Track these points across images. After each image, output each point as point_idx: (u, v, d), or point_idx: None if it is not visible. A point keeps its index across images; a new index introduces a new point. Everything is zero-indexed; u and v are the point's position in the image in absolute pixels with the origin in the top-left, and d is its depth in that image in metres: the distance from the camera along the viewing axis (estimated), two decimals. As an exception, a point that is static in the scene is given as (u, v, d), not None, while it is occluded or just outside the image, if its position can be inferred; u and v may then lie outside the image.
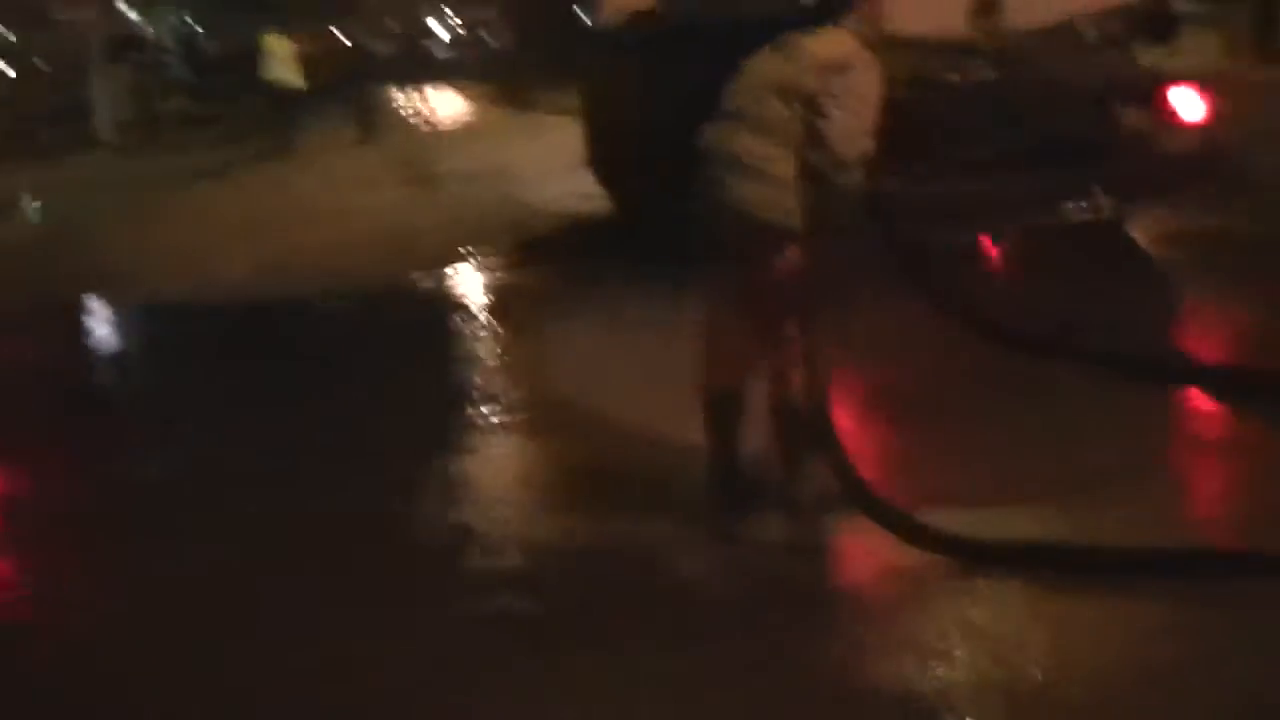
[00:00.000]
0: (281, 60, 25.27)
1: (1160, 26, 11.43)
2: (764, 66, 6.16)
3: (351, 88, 27.88)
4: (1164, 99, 10.04)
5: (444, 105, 33.93)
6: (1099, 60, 10.06)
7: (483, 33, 52.80)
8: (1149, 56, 10.55)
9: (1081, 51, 10.12)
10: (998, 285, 10.47)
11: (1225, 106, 10.12)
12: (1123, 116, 10.08)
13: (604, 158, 14.83)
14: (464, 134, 27.02)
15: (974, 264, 10.76)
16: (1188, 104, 9.98)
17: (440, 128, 29.81)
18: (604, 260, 12.83)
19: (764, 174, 6.01)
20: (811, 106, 5.92)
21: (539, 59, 40.11)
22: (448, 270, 13.19)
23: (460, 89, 38.03)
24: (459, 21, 54.03)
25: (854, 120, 5.91)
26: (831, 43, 6.07)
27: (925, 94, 6.25)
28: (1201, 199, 10.42)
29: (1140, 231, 10.76)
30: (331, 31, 39.04)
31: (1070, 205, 10.16)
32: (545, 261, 13.68)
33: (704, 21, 11.85)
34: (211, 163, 24.37)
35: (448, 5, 54.75)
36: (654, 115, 13.18)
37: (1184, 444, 7.17)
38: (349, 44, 33.49)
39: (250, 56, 26.64)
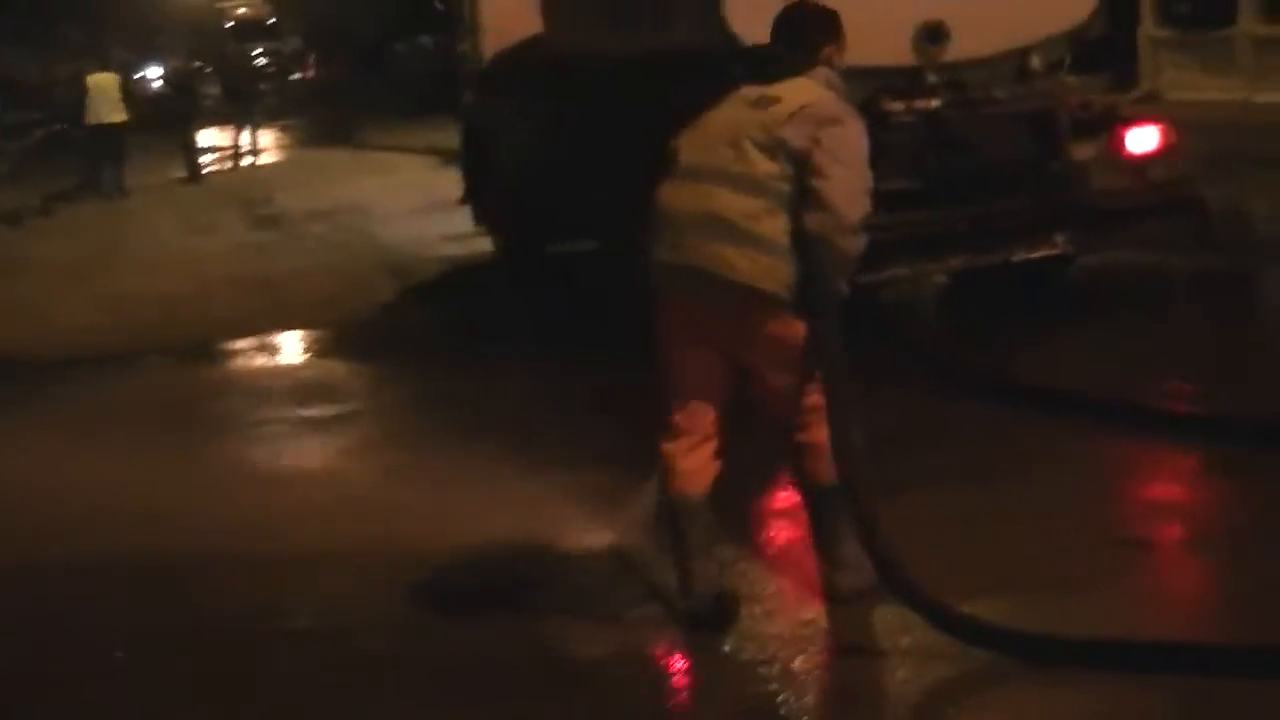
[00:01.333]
0: (108, 98, 24.36)
1: (1116, 55, 11.23)
2: (735, 117, 5.86)
3: (176, 126, 27.00)
4: (1116, 131, 9.79)
5: (270, 142, 33.15)
6: (1048, 90, 9.88)
7: (305, 69, 51.99)
8: (1098, 85, 10.30)
9: (1030, 81, 9.86)
10: (942, 324, 10.27)
11: (1180, 136, 9.86)
12: (1074, 148, 9.82)
13: (489, 198, 14.43)
14: (301, 172, 26.51)
15: (922, 302, 10.50)
16: (1140, 136, 9.75)
17: (271, 166, 29.08)
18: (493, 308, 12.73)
19: (756, 238, 5.65)
20: (804, 165, 5.63)
21: (366, 94, 39.68)
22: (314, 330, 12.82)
23: (285, 126, 37.22)
24: (267, 56, 53.16)
25: (854, 178, 5.68)
26: (807, 93, 5.82)
27: (870, 126, 5.83)
28: (1157, 232, 10.08)
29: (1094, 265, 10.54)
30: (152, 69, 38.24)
31: (1019, 240, 9.75)
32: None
33: (602, 56, 11.40)
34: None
35: (257, 40, 53.81)
36: (548, 155, 12.83)
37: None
38: (170, 81, 32.52)
39: (47, 90, 25.76)
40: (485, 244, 15.05)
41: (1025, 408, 8.36)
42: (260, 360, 12.02)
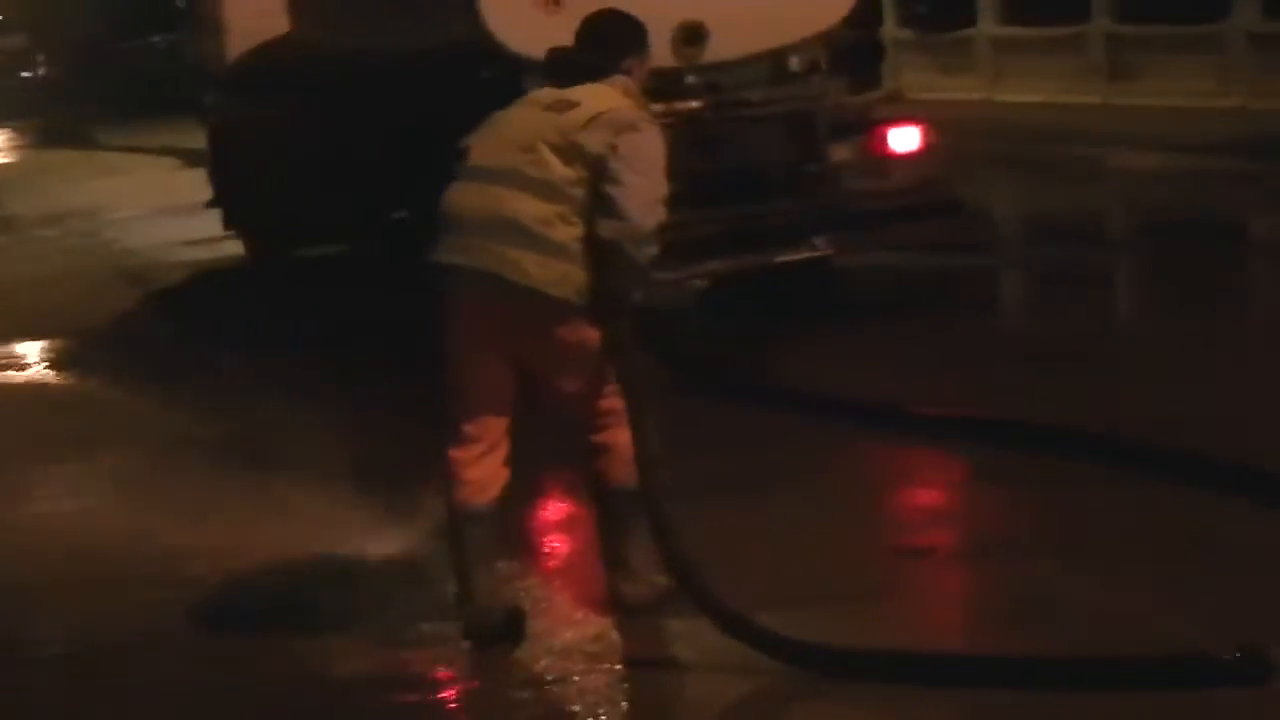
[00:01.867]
0: None
1: (866, 56, 11.30)
2: (530, 120, 5.76)
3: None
4: (875, 131, 9.85)
5: (-1, 144, 32.24)
6: (807, 91, 9.86)
7: (33, 67, 50.49)
8: (858, 87, 10.35)
9: (788, 82, 9.83)
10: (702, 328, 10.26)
11: (939, 137, 9.98)
12: (832, 150, 9.86)
13: (238, 201, 14.10)
14: (32, 174, 25.63)
15: (683, 306, 10.48)
16: (900, 137, 9.81)
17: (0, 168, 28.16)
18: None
19: (549, 243, 5.55)
20: (600, 171, 5.55)
21: (97, 93, 38.74)
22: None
23: (14, 127, 36.10)
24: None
25: (650, 186, 5.61)
26: (605, 99, 5.73)
27: None
28: (920, 234, 10.18)
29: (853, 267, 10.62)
30: None
31: (779, 243, 9.78)
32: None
33: (350, 56, 11.18)
34: None
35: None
36: (296, 157, 12.57)
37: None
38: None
39: None
40: (233, 247, 14.69)
41: (789, 414, 8.36)
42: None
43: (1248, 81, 20.13)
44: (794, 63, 10.51)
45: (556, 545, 6.91)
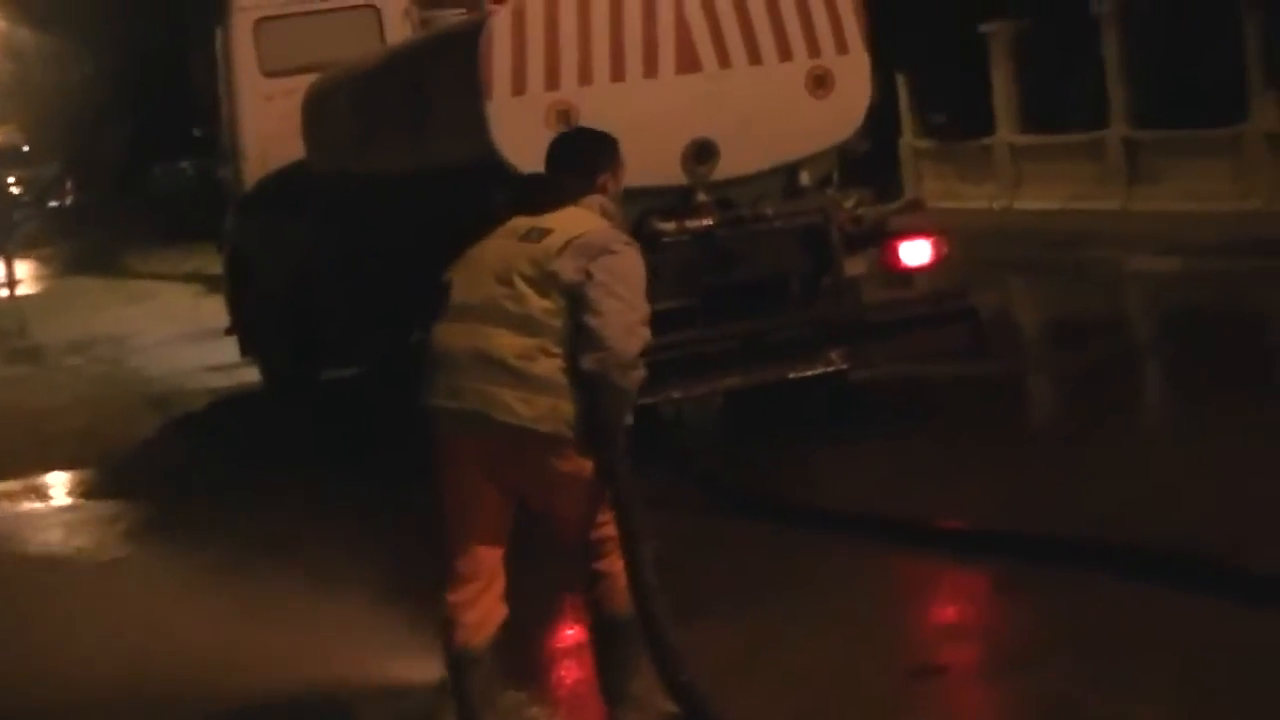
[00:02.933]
0: None
1: (883, 167, 11.36)
2: (503, 251, 5.68)
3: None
4: (889, 244, 9.82)
5: (27, 273, 32.35)
6: (820, 204, 9.86)
7: (62, 195, 50.96)
8: (863, 198, 10.35)
9: (801, 196, 9.83)
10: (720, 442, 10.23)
11: (957, 245, 9.97)
12: (846, 262, 9.83)
13: (253, 327, 14.12)
14: (59, 302, 25.78)
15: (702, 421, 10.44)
16: (913, 249, 9.80)
17: (27, 297, 28.34)
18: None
19: (532, 378, 5.48)
20: (578, 299, 5.47)
21: (125, 222, 39.08)
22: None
23: (42, 255, 36.37)
24: (22, 185, 52.01)
25: (628, 310, 5.48)
26: (579, 223, 5.65)
27: (642, 247, 5.74)
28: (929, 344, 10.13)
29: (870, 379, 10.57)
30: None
31: (795, 357, 9.74)
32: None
33: (365, 181, 11.24)
34: None
35: (11, 168, 52.64)
36: (312, 281, 12.59)
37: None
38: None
39: None
40: (252, 374, 14.70)
41: (806, 528, 8.29)
42: (22, 503, 11.50)
43: (1267, 183, 20.13)
44: (806, 176, 10.51)
45: (561, 675, 6.82)
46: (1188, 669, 5.95)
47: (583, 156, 5.92)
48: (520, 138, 9.62)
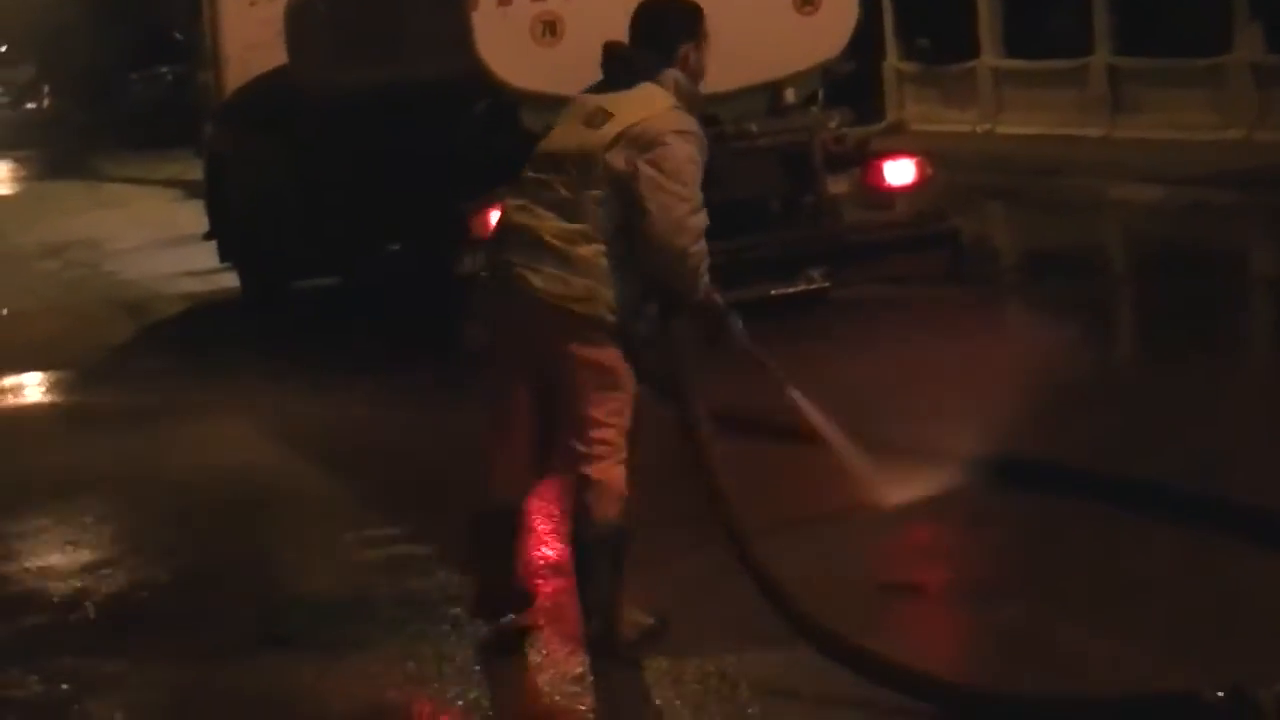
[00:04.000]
0: None
1: (867, 88, 11.33)
2: (566, 136, 5.75)
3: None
4: (871, 164, 9.81)
5: (2, 175, 32.15)
6: (804, 124, 9.81)
7: (38, 99, 50.59)
8: (851, 120, 10.30)
9: (785, 114, 9.79)
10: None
11: (938, 169, 9.97)
12: (829, 182, 9.81)
13: (233, 233, 14.05)
14: (35, 205, 25.62)
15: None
16: (896, 169, 9.78)
17: (2, 199, 28.16)
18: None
19: (572, 259, 5.58)
20: (627, 191, 5.52)
21: (100, 125, 38.83)
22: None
23: (18, 158, 36.14)
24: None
25: (677, 204, 5.49)
26: (641, 108, 5.62)
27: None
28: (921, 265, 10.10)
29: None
30: None
31: (777, 275, 9.74)
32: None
33: (346, 91, 11.16)
34: None
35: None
36: (291, 190, 12.53)
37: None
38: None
39: None
40: (231, 280, 14.61)
41: (783, 443, 8.25)
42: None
43: (1250, 113, 20.07)
44: (791, 95, 10.47)
45: (542, 584, 6.82)
46: (1157, 601, 5.93)
47: (660, 26, 5.82)
48: (505, 49, 9.58)
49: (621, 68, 5.76)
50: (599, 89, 5.77)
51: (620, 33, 6.04)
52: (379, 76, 11.21)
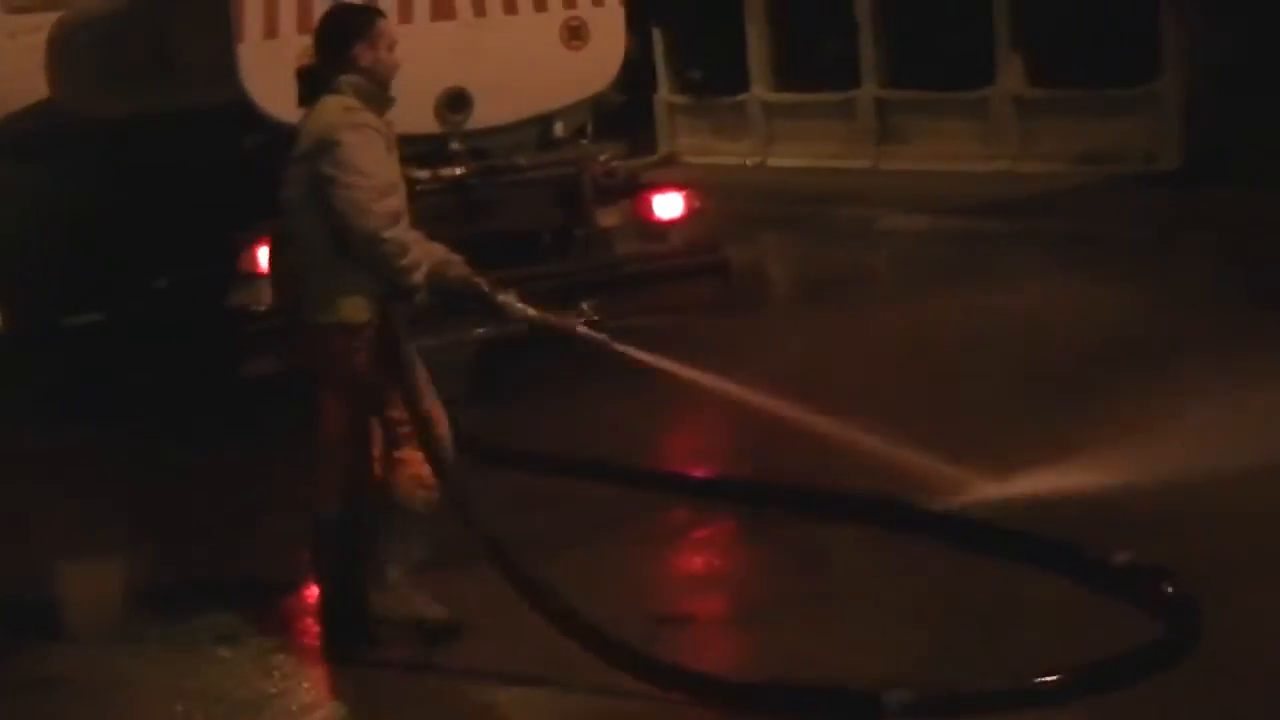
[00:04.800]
0: None
1: (639, 121, 11.42)
2: (295, 145, 6.18)
3: None
4: (641, 196, 9.89)
5: None
6: (573, 156, 9.86)
7: None
8: (621, 153, 10.38)
9: (555, 147, 9.82)
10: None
11: (710, 200, 10.10)
12: (599, 214, 9.87)
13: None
14: None
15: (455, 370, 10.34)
16: (665, 202, 9.88)
17: None
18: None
19: (310, 273, 6.09)
20: (323, 198, 5.95)
21: None
22: None
23: None
24: None
25: (359, 192, 5.88)
26: (316, 121, 6.08)
27: None
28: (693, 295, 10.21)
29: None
30: None
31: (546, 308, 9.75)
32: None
33: (106, 121, 11.01)
34: None
35: None
36: (58, 222, 12.28)
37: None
38: None
39: None
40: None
41: (554, 478, 8.29)
42: None
43: (1013, 144, 20.57)
44: (560, 128, 10.51)
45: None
46: (922, 618, 6.09)
47: (331, 33, 6.17)
48: (272, 81, 9.46)
49: (306, 88, 6.18)
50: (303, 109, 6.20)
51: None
52: (144, 106, 11.04)
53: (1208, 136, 18.51)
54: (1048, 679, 5.19)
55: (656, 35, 25.36)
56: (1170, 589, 5.78)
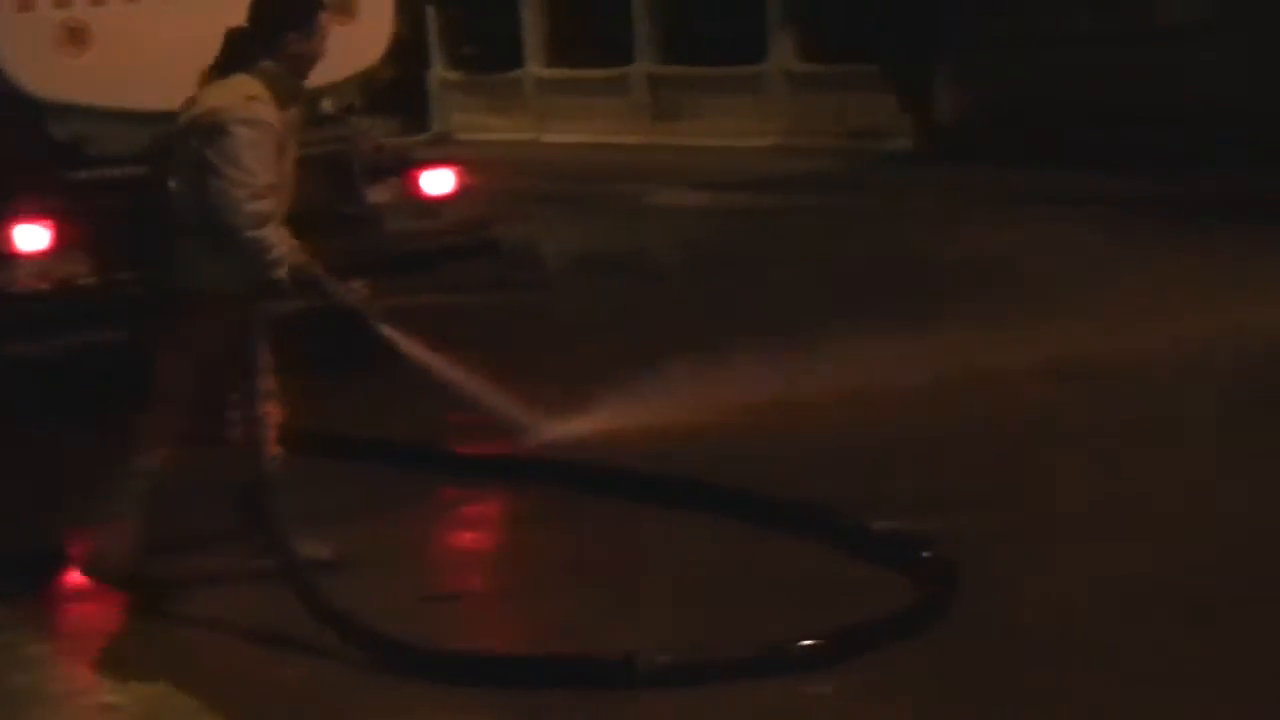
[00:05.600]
0: None
1: (412, 97, 11.32)
2: (181, 115, 6.22)
3: None
4: (412, 173, 9.83)
5: None
6: (342, 133, 9.76)
7: None
8: (390, 128, 10.29)
9: (323, 124, 9.72)
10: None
11: (474, 177, 10.04)
12: (370, 192, 9.80)
13: None
14: None
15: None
16: (436, 179, 9.83)
17: None
18: None
19: (180, 241, 6.17)
20: (203, 172, 6.00)
21: None
22: None
23: None
24: None
25: (234, 188, 5.94)
26: (218, 98, 6.07)
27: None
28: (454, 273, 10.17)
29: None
30: None
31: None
32: None
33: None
34: None
35: None
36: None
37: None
38: None
39: None
40: None
41: (332, 458, 8.21)
42: None
43: (785, 120, 20.84)
44: (328, 104, 10.38)
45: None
46: (688, 588, 6.14)
47: (265, 15, 6.14)
48: (28, 56, 9.26)
49: (225, 57, 6.14)
50: (216, 75, 6.14)
51: (153, 41, 6.17)
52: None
53: (964, 114, 18.96)
54: (801, 644, 5.30)
55: (430, 11, 25.24)
56: (927, 555, 5.93)
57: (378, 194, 10.36)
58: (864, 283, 11.83)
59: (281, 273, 6.08)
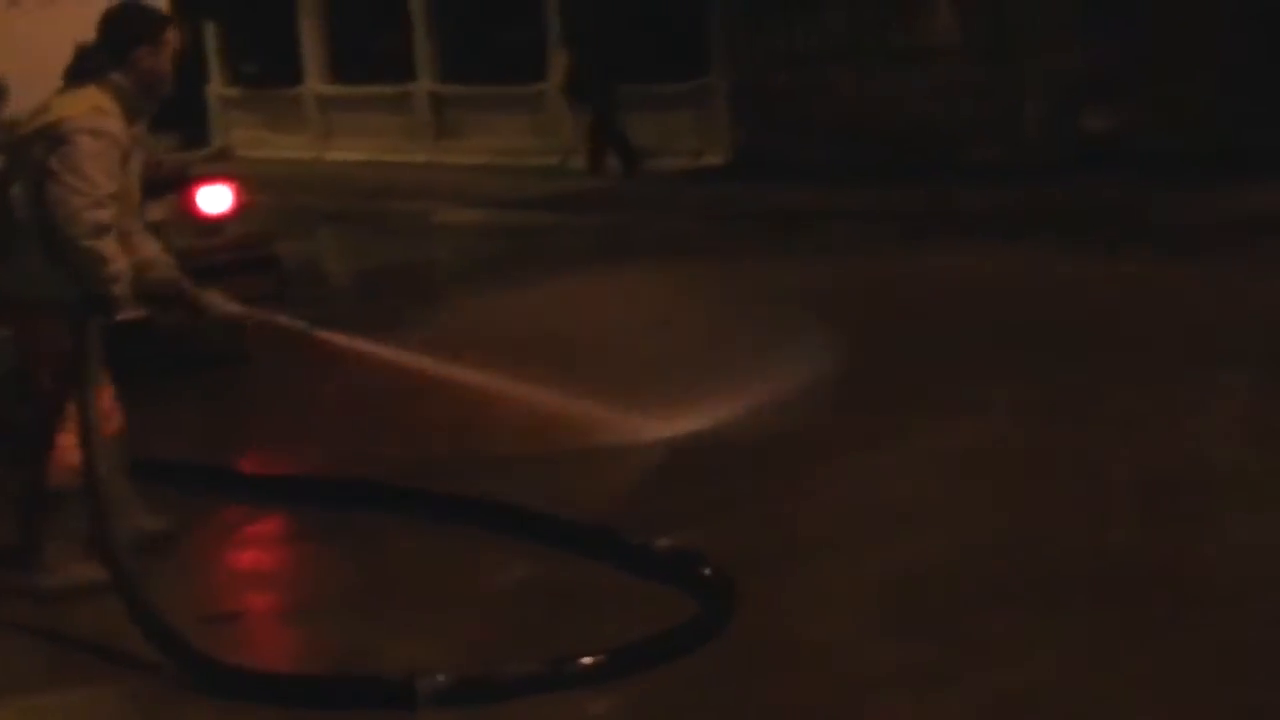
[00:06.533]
0: None
1: (191, 113, 11.18)
2: (27, 123, 6.22)
3: None
4: (188, 190, 9.72)
5: None
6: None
7: None
8: (168, 144, 10.14)
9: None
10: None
11: (252, 194, 9.94)
12: (146, 209, 9.60)
13: None
14: None
15: None
16: (212, 196, 9.72)
17: None
18: None
19: (13, 249, 6.10)
20: (40, 178, 5.96)
21: None
22: None
23: None
24: None
25: (74, 197, 5.89)
26: (66, 108, 6.06)
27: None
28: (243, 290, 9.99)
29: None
30: None
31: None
32: None
33: None
34: None
35: None
36: None
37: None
38: None
39: None
40: None
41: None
42: None
43: (564, 138, 20.91)
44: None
45: None
46: (477, 606, 6.11)
47: (114, 29, 6.13)
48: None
49: (76, 69, 6.14)
50: (65, 86, 6.16)
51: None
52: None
53: (752, 133, 19.20)
54: (583, 661, 5.29)
55: (209, 28, 24.93)
56: (707, 571, 5.96)
57: (155, 211, 10.16)
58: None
59: (117, 289, 6.03)
